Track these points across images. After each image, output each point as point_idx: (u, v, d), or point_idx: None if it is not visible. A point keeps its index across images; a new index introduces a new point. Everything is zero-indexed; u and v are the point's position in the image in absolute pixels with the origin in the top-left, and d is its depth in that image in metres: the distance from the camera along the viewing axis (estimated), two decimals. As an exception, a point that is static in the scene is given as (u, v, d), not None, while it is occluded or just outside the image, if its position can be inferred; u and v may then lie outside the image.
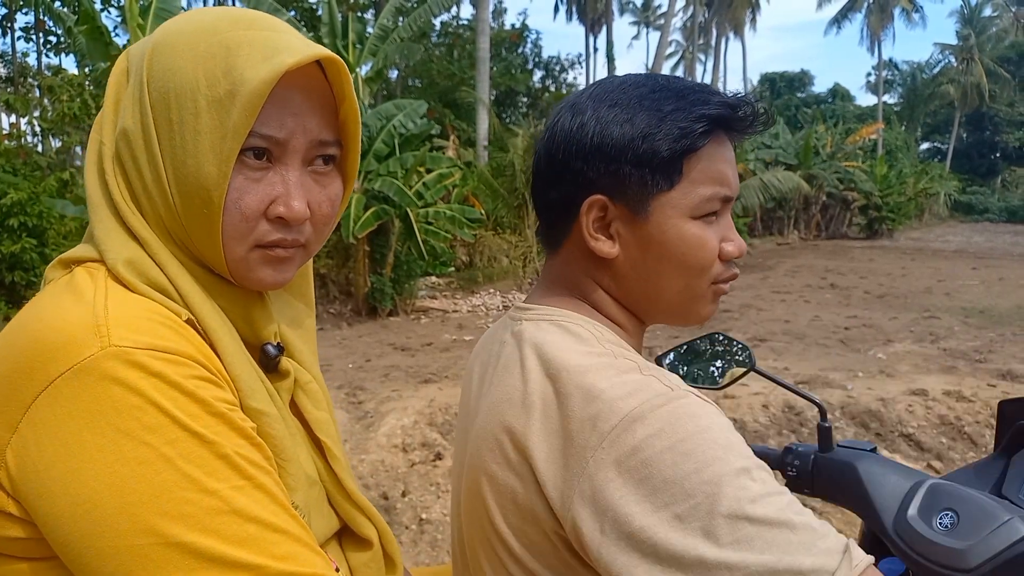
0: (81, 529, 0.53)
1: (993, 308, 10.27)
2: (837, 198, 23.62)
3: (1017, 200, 37.29)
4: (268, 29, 0.65)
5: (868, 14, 39.41)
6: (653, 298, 0.78)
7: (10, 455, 0.55)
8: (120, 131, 0.65)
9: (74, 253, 0.66)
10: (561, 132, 0.76)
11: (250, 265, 0.66)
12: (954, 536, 0.89)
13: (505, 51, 22.84)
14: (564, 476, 0.65)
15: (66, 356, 0.55)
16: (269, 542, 0.56)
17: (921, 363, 6.72)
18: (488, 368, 0.81)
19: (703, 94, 0.74)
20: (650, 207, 0.74)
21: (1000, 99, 43.65)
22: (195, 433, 0.56)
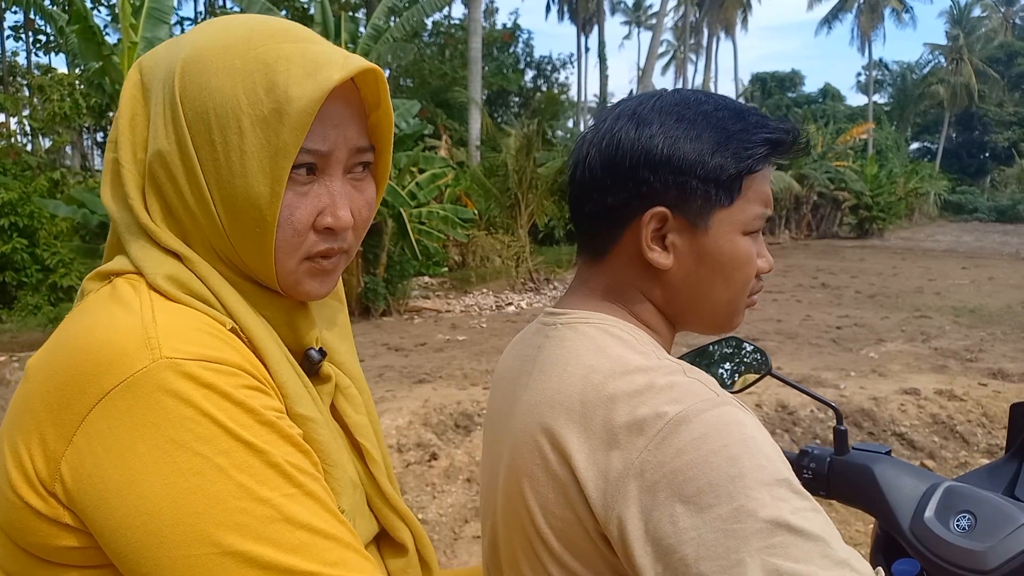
0: (138, 539, 0.54)
1: (983, 307, 10.35)
2: (828, 198, 23.73)
3: (1006, 200, 37.55)
4: (301, 40, 0.65)
5: (858, 14, 39.62)
6: (698, 308, 0.80)
7: (65, 467, 0.55)
8: (154, 153, 0.64)
9: (112, 266, 0.66)
10: (626, 141, 0.75)
11: (299, 278, 0.67)
12: (972, 538, 0.90)
13: (497, 51, 22.83)
14: (607, 478, 0.65)
15: (119, 368, 0.56)
16: (321, 548, 0.57)
17: (913, 362, 6.76)
18: (523, 372, 0.81)
19: (760, 118, 0.77)
20: (710, 221, 0.76)
21: (989, 99, 43.95)
22: (246, 443, 0.56)
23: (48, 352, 0.61)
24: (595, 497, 0.66)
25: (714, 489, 0.61)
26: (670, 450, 0.63)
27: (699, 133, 0.75)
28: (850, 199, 24.03)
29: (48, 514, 0.57)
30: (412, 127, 9.57)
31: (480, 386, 5.60)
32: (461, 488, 4.06)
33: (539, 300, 11.77)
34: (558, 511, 0.70)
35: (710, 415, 0.65)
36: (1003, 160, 43.70)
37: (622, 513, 0.64)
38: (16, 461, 0.57)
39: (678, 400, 0.66)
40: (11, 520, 0.58)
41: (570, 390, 0.71)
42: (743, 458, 0.62)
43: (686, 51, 34.74)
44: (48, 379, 0.58)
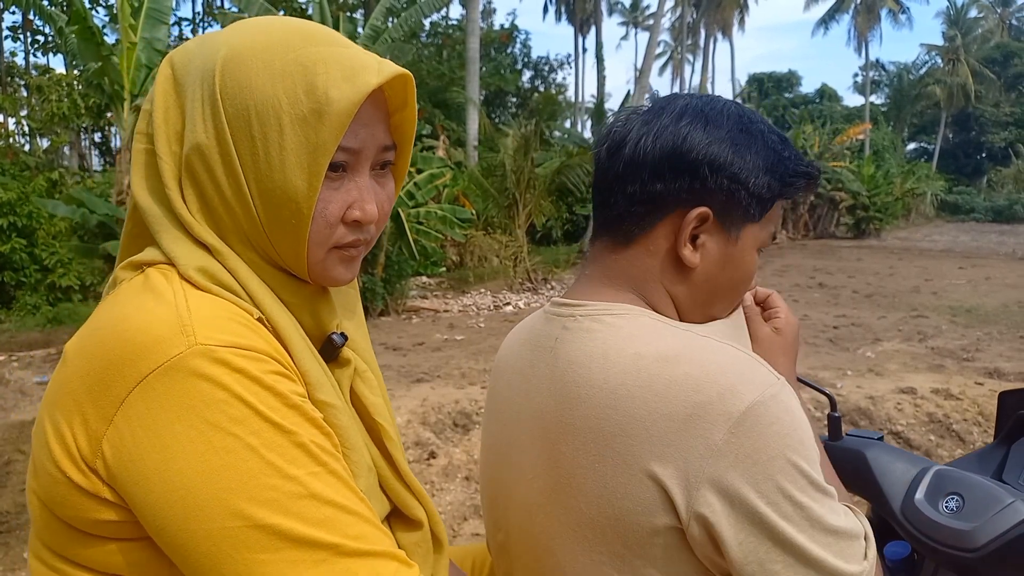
0: (176, 513, 0.58)
1: (980, 307, 10.38)
2: (825, 198, 23.76)
3: (1003, 200, 37.62)
4: (336, 44, 0.68)
5: (855, 15, 39.68)
6: (706, 308, 0.83)
7: (106, 446, 0.59)
8: (192, 146, 0.67)
9: (143, 256, 0.70)
10: (695, 137, 0.77)
11: (327, 266, 0.71)
12: (960, 518, 0.94)
13: (494, 51, 22.85)
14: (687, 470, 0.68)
15: (156, 354, 0.59)
16: (343, 523, 0.60)
17: (909, 361, 6.79)
18: (538, 363, 0.81)
19: (797, 152, 0.83)
20: (741, 232, 0.80)
21: (986, 99, 44.05)
22: (275, 424, 0.60)
23: (85, 338, 0.64)
24: (675, 489, 0.68)
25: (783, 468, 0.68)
26: (750, 437, 0.67)
27: (758, 150, 0.79)
28: (847, 199, 24.07)
29: (89, 489, 0.61)
30: (410, 127, 9.60)
31: (478, 385, 5.62)
32: (460, 486, 4.08)
33: (537, 300, 11.79)
34: (624, 505, 0.71)
35: (777, 402, 0.70)
36: (999, 160, 43.79)
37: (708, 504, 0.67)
38: (59, 439, 0.61)
39: (749, 385, 0.70)
40: (53, 494, 0.62)
41: (620, 380, 0.72)
42: (797, 442, 0.69)
43: (683, 52, 34.79)
44: (87, 363, 0.62)
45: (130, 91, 6.92)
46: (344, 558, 0.59)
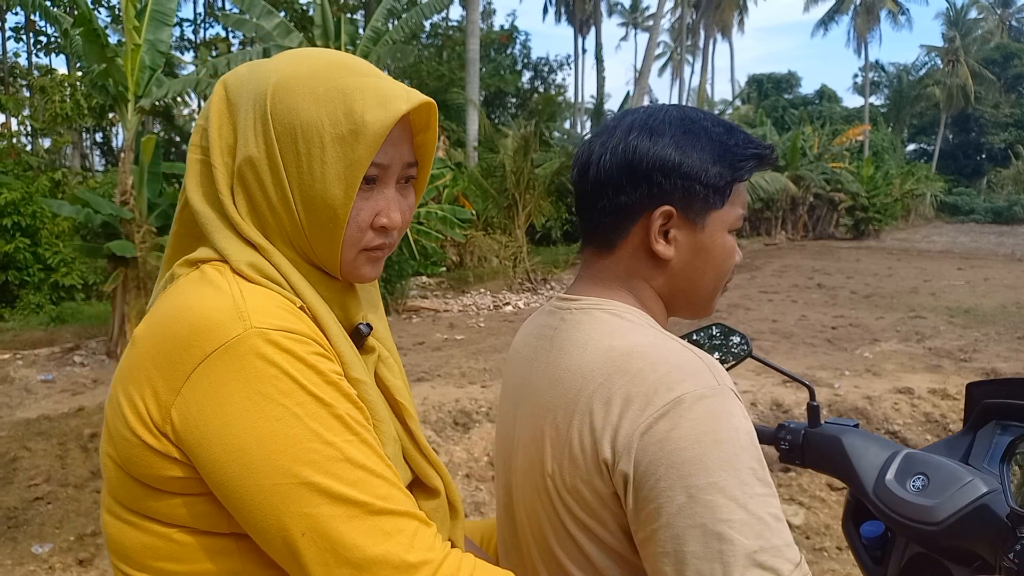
0: (233, 471, 0.69)
1: (978, 308, 10.43)
2: (824, 199, 23.82)
3: (1002, 201, 37.67)
4: (370, 75, 0.80)
5: (855, 16, 39.74)
6: (689, 294, 0.93)
7: (174, 413, 0.70)
8: (244, 159, 0.77)
9: (197, 255, 0.80)
10: (642, 149, 0.87)
11: (356, 265, 0.82)
12: (925, 496, 1.03)
13: (494, 52, 22.90)
14: (617, 435, 0.78)
15: (217, 335, 0.70)
16: (373, 485, 0.70)
17: (907, 362, 6.84)
18: (540, 350, 0.93)
19: (745, 135, 0.91)
20: (706, 220, 0.89)
21: (985, 101, 44.08)
22: (317, 397, 0.70)
23: (152, 324, 0.74)
24: (607, 453, 0.78)
25: (697, 462, 0.74)
26: (669, 422, 0.76)
27: (703, 145, 0.88)
28: (846, 200, 24.12)
29: (160, 449, 0.71)
30: (411, 128, 9.65)
31: (478, 384, 5.68)
32: (461, 484, 4.13)
33: (536, 300, 11.84)
34: (577, 471, 0.81)
35: (707, 403, 0.77)
36: (999, 161, 43.82)
37: (626, 465, 0.77)
38: (132, 408, 0.72)
39: (684, 381, 0.78)
40: (127, 455, 0.73)
41: (592, 366, 0.83)
42: (725, 444, 0.75)
43: (682, 52, 34.83)
44: (156, 345, 0.72)
45: (134, 92, 6.96)
46: (373, 515, 0.69)
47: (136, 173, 7.09)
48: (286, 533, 0.68)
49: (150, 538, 0.75)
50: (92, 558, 3.35)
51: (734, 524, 0.72)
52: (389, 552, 0.69)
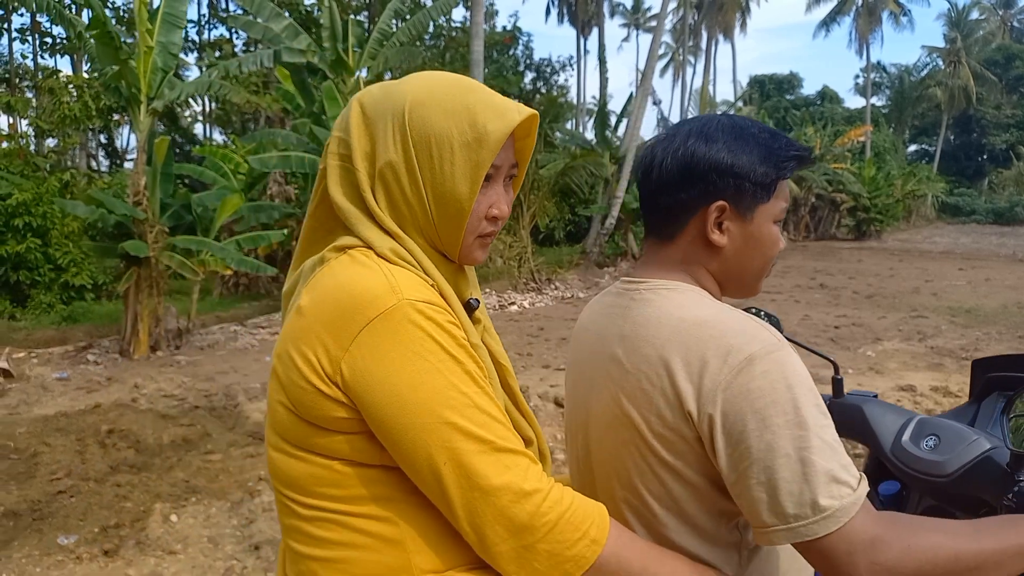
0: (391, 412, 0.86)
1: (979, 308, 10.52)
2: (826, 200, 23.91)
3: (1003, 202, 37.73)
4: (486, 92, 0.97)
5: (856, 17, 39.76)
6: (740, 276, 1.08)
7: (344, 366, 0.87)
8: (385, 163, 0.94)
9: (343, 242, 0.96)
10: (699, 153, 1.03)
11: (472, 249, 1.00)
12: (936, 453, 1.17)
13: (497, 53, 22.98)
14: (700, 391, 0.94)
15: (377, 305, 0.87)
16: (494, 427, 0.88)
17: (909, 360, 6.93)
18: (612, 325, 1.08)
19: (786, 139, 1.06)
20: (755, 212, 1.04)
21: (987, 102, 44.08)
22: (453, 356, 0.88)
23: (317, 296, 0.91)
24: (692, 406, 0.94)
25: (776, 406, 0.90)
26: (747, 376, 0.92)
27: (751, 149, 1.03)
28: (848, 201, 24.21)
29: (330, 395, 0.88)
30: (418, 129, 9.73)
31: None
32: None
33: (541, 300, 11.92)
34: (661, 422, 0.97)
35: (774, 356, 0.93)
36: (1001, 162, 43.86)
37: (711, 415, 0.93)
38: (305, 362, 0.89)
39: (751, 342, 0.94)
40: (301, 400, 0.89)
41: (667, 335, 0.98)
42: (794, 388, 0.91)
43: (684, 53, 34.89)
44: (323, 313, 0.89)
45: (147, 94, 7.06)
46: (497, 452, 0.86)
47: (149, 174, 7.19)
48: (432, 462, 0.85)
49: (316, 469, 0.92)
50: (117, 548, 3.44)
51: (812, 450, 0.89)
52: (510, 482, 0.86)
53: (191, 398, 5.95)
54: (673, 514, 1.01)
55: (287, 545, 0.97)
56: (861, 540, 0.89)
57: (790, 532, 0.90)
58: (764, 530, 0.92)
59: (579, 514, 0.89)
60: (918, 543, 0.90)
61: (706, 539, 1.02)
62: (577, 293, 12.75)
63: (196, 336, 8.40)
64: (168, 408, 5.66)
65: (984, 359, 1.42)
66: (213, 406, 5.74)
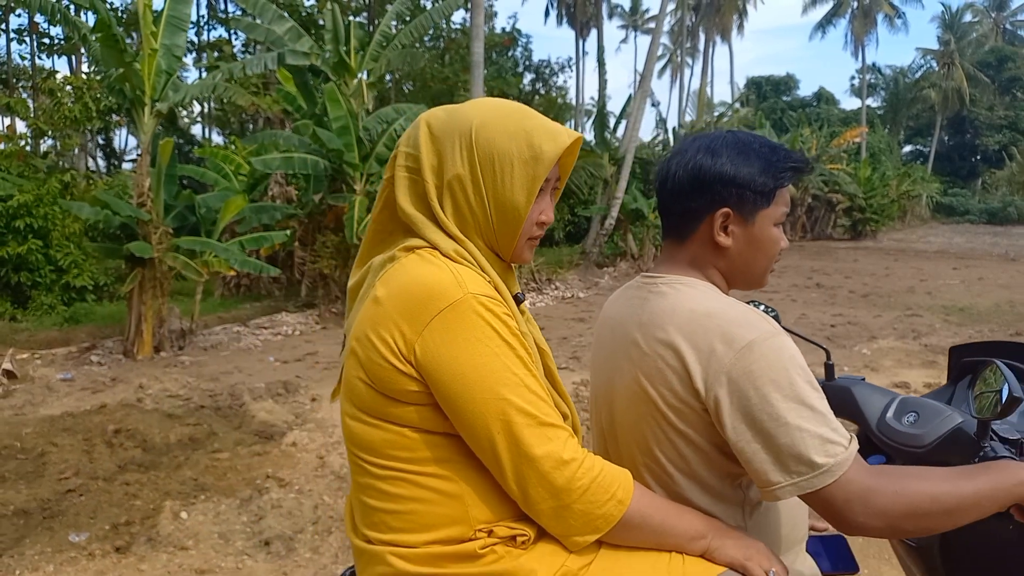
0: (456, 388, 1.02)
1: (973, 306, 10.63)
2: (822, 200, 24.03)
3: (996, 202, 37.92)
4: (540, 118, 1.14)
5: (852, 19, 39.93)
6: (744, 273, 1.24)
7: (417, 348, 1.03)
8: (453, 176, 1.10)
9: (411, 243, 1.11)
10: (706, 166, 1.18)
11: (522, 250, 1.16)
12: (916, 427, 1.33)
13: (496, 55, 23.05)
14: (707, 370, 1.09)
15: (446, 297, 1.03)
16: (540, 405, 1.04)
17: (904, 358, 7.03)
18: (632, 315, 1.23)
19: (785, 151, 1.21)
20: (756, 217, 1.19)
21: (980, 103, 44.29)
22: (508, 343, 1.04)
23: (393, 289, 1.06)
24: (700, 384, 1.10)
25: (774, 384, 1.05)
26: (748, 358, 1.07)
27: (751, 162, 1.18)
28: (844, 201, 24.33)
29: (405, 371, 1.04)
30: (419, 131, 9.78)
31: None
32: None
33: (541, 300, 11.99)
34: (675, 396, 1.13)
35: (771, 342, 1.08)
36: (994, 163, 44.06)
37: (717, 393, 1.08)
38: (384, 344, 1.04)
39: (752, 330, 1.09)
40: (378, 376, 1.05)
41: (680, 324, 1.14)
42: (789, 369, 1.07)
43: (682, 55, 35.02)
44: (399, 302, 1.05)
45: (151, 96, 7.12)
46: (541, 426, 1.02)
47: (153, 175, 7.24)
48: (488, 431, 1.01)
49: (389, 435, 1.07)
50: (128, 545, 3.49)
51: (806, 419, 1.04)
52: (551, 451, 1.02)
53: (196, 398, 6.01)
54: (686, 476, 1.17)
55: (360, 501, 1.12)
56: (856, 490, 1.04)
57: (794, 487, 1.05)
58: (770, 488, 1.07)
59: (608, 479, 1.05)
60: (905, 489, 1.05)
61: (715, 497, 1.17)
62: (577, 293, 12.82)
63: (199, 337, 8.45)
64: (174, 408, 5.71)
65: (960, 345, 1.59)
66: (218, 406, 5.80)
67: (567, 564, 1.06)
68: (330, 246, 9.62)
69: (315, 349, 8.10)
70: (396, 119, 9.50)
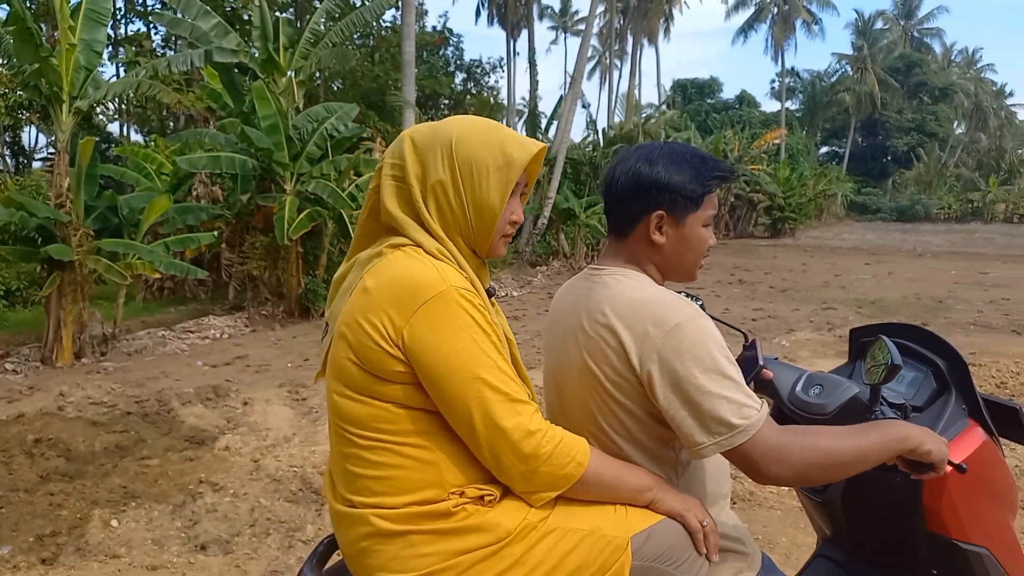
0: (438, 371, 1.17)
1: (883, 299, 11.27)
2: (744, 199, 24.89)
3: (906, 200, 40.06)
4: (510, 131, 1.32)
5: (772, 25, 41.42)
6: (677, 267, 1.41)
7: (405, 333, 1.17)
8: (436, 181, 1.26)
9: (397, 241, 1.26)
10: (644, 171, 1.36)
11: (496, 246, 1.32)
12: (820, 398, 1.53)
13: (427, 54, 22.94)
14: (641, 349, 1.27)
15: (431, 289, 1.17)
16: (510, 384, 1.19)
17: (820, 348, 7.42)
18: (579, 303, 1.39)
19: (714, 161, 1.39)
20: (687, 219, 1.37)
21: (890, 106, 46.63)
22: (484, 330, 1.20)
23: (382, 280, 1.20)
24: (635, 361, 1.28)
25: (697, 359, 1.23)
26: (675, 338, 1.25)
27: (684, 170, 1.36)
28: (764, 200, 25.26)
29: (392, 353, 1.18)
30: (351, 130, 9.71)
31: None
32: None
33: (475, 299, 12.02)
34: (614, 372, 1.30)
35: (695, 322, 1.26)
36: (903, 164, 46.51)
37: (650, 368, 1.25)
38: (374, 328, 1.18)
39: (679, 313, 1.27)
40: (368, 357, 1.19)
41: (620, 307, 1.31)
42: (710, 345, 1.24)
43: (611, 57, 35.61)
44: (388, 293, 1.19)
45: (68, 92, 6.84)
46: (511, 402, 1.18)
47: (73, 175, 6.96)
48: (467, 407, 1.16)
49: (374, 410, 1.20)
50: (56, 556, 3.40)
51: (725, 388, 1.22)
52: (520, 423, 1.18)
53: (122, 404, 5.83)
54: (626, 440, 1.35)
55: (344, 469, 1.25)
56: (769, 446, 1.22)
57: (716, 446, 1.22)
58: (696, 447, 1.24)
59: (568, 445, 1.22)
60: (809, 444, 1.24)
61: (651, 458, 1.36)
62: (511, 292, 12.96)
63: (123, 342, 8.18)
64: (98, 415, 5.53)
65: (858, 328, 1.82)
66: (146, 412, 5.65)
67: (528, 517, 1.22)
68: (259, 247, 9.44)
69: (245, 352, 7.96)
70: (327, 118, 9.39)
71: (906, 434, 1.30)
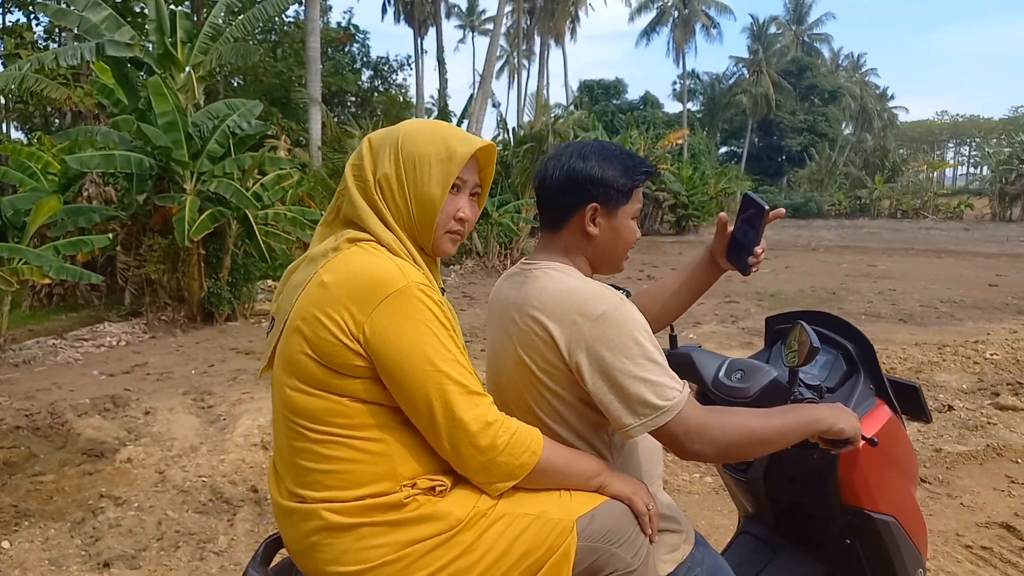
0: (399, 364, 1.19)
1: (781, 292, 11.89)
2: (650, 198, 25.60)
3: (800, 198, 42.25)
4: (458, 129, 1.35)
5: (673, 28, 42.87)
6: (607, 258, 1.49)
7: (366, 328, 1.19)
8: (382, 175, 1.30)
9: (356, 235, 1.28)
10: (578, 167, 1.43)
11: (442, 242, 1.34)
12: (742, 383, 1.60)
13: (332, 50, 22.49)
14: (569, 339, 1.34)
15: (392, 284, 1.19)
16: (468, 377, 1.22)
17: (724, 340, 7.75)
18: (512, 295, 1.47)
19: (641, 159, 1.48)
20: (618, 211, 1.45)
21: (784, 108, 49.12)
22: (442, 324, 1.22)
23: (340, 275, 1.22)
24: (564, 350, 1.34)
25: (623, 346, 1.30)
26: (600, 326, 1.32)
27: (614, 166, 1.44)
28: (669, 199, 26.09)
29: (353, 348, 1.19)
30: (255, 128, 9.40)
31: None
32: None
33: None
34: (545, 362, 1.37)
35: (620, 310, 1.33)
36: (797, 163, 49.08)
37: (578, 357, 1.33)
38: (333, 322, 1.19)
39: (604, 302, 1.34)
40: (326, 351, 1.20)
41: (548, 300, 1.38)
42: (635, 331, 1.32)
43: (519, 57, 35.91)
44: (348, 288, 1.20)
45: (-61, 86, 6.33)
46: (470, 394, 1.21)
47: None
48: (428, 399, 1.19)
49: (329, 404, 1.21)
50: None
51: (649, 371, 1.30)
52: (478, 415, 1.21)
53: (9, 418, 5.45)
54: (561, 426, 1.41)
55: (294, 463, 1.25)
56: (691, 425, 1.30)
57: (642, 426, 1.29)
58: (625, 429, 1.30)
59: (523, 436, 1.26)
60: (730, 424, 1.32)
61: (585, 443, 1.42)
62: (423, 292, 12.85)
63: (9, 352, 7.63)
64: (-18, 431, 5.16)
65: (773, 316, 1.94)
66: (37, 425, 5.30)
67: (478, 505, 1.26)
68: (158, 250, 8.99)
69: (145, 360, 7.58)
70: (229, 115, 9.02)
71: (819, 416, 1.40)
